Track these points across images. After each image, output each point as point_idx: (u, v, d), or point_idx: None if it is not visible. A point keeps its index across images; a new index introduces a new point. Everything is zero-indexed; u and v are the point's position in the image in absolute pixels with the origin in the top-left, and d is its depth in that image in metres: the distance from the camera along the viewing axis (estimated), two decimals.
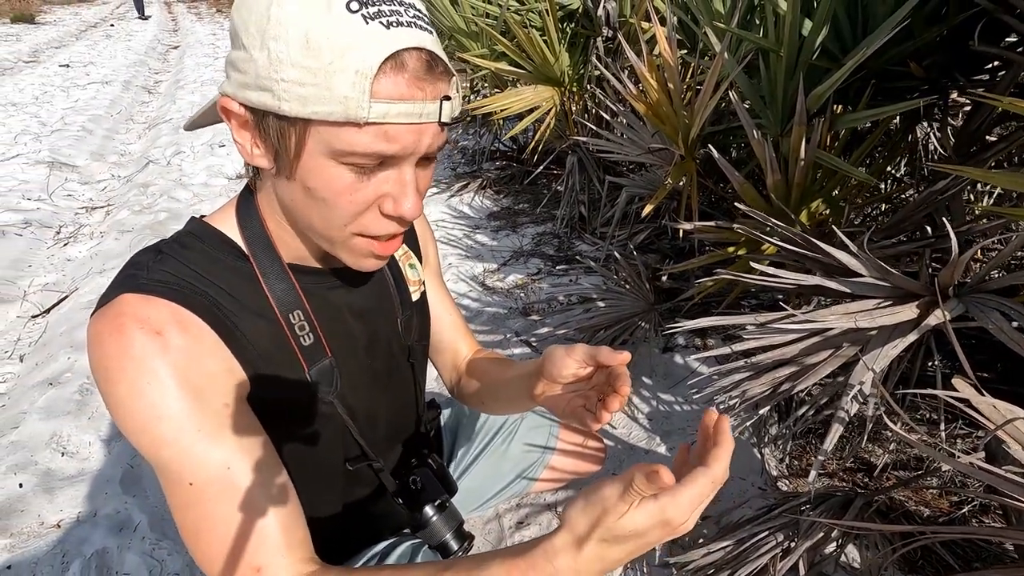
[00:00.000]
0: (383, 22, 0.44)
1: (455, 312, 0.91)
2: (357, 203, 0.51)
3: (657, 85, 1.44)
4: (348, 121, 0.45)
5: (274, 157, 0.51)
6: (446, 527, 0.75)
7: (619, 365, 0.56)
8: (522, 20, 2.41)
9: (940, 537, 0.84)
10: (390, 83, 0.45)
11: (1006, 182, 0.79)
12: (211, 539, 0.51)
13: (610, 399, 0.56)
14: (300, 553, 0.54)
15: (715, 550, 0.98)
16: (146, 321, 0.51)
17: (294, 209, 0.54)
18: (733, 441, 0.44)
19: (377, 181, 0.51)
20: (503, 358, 0.88)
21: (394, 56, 0.45)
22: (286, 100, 0.45)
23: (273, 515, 0.53)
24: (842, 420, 0.82)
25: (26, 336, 2.12)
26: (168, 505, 0.53)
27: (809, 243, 0.90)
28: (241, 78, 0.47)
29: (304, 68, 0.44)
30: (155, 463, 0.52)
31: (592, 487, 0.44)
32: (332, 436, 0.67)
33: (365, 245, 0.55)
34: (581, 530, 0.43)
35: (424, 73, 0.46)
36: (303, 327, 0.61)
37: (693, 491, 0.41)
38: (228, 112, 0.50)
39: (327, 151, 0.48)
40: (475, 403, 0.86)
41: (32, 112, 5.03)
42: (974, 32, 0.99)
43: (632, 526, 0.41)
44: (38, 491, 1.41)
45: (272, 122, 0.48)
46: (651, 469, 0.39)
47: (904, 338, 0.79)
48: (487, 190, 3.21)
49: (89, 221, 3.11)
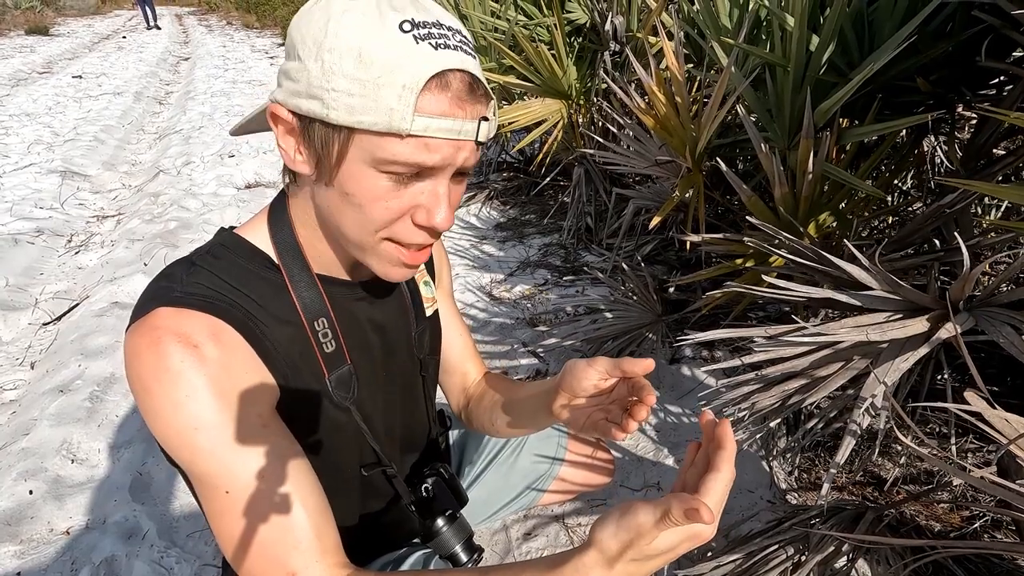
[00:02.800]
0: (432, 43, 0.47)
1: (466, 335, 0.91)
2: (392, 211, 0.53)
3: (664, 98, 1.45)
4: (391, 132, 0.48)
5: (316, 163, 0.53)
6: (456, 538, 0.76)
7: (643, 374, 0.57)
8: (530, 34, 2.44)
9: (952, 552, 0.84)
10: (434, 100, 0.48)
11: (1014, 196, 0.79)
12: (247, 545, 0.53)
13: (636, 408, 0.56)
14: (333, 558, 0.55)
15: (725, 563, 0.97)
16: (182, 334, 0.52)
17: (329, 214, 0.56)
18: (735, 443, 0.47)
19: (412, 191, 0.53)
20: (513, 380, 0.88)
21: (439, 75, 0.47)
22: (334, 109, 0.47)
23: (306, 521, 0.54)
24: (854, 433, 0.82)
25: (37, 343, 2.14)
26: (204, 511, 0.54)
27: (819, 256, 0.90)
28: (293, 87, 0.50)
29: (354, 79, 0.46)
30: (192, 472, 0.54)
31: (624, 509, 0.45)
32: (349, 441, 0.68)
33: (394, 252, 0.56)
34: (613, 552, 0.44)
35: (466, 94, 0.49)
36: (326, 334, 0.63)
37: (713, 499, 0.42)
38: (276, 118, 0.53)
39: (368, 159, 0.50)
40: (485, 424, 0.85)
41: (45, 122, 5.11)
42: (980, 47, 1.00)
43: (665, 545, 0.44)
44: (48, 498, 1.41)
45: (318, 129, 0.50)
46: (690, 507, 0.40)
47: (915, 351, 0.79)
48: (494, 201, 3.23)
49: (100, 230, 3.14)
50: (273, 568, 0.53)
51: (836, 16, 1.09)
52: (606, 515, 0.46)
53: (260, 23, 13.61)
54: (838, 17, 1.09)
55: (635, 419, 0.57)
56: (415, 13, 0.48)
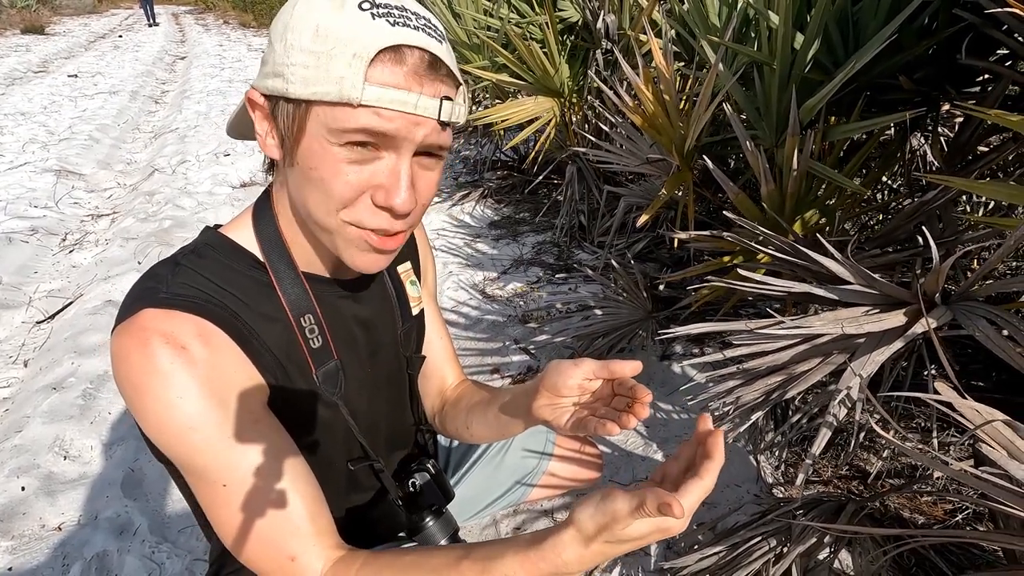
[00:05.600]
0: (389, 20, 0.49)
1: (446, 338, 0.91)
2: (351, 185, 0.52)
3: (653, 97, 1.46)
4: (343, 101, 0.48)
5: (281, 143, 0.54)
6: (441, 532, 0.77)
7: (631, 376, 0.58)
8: (523, 32, 2.45)
9: (928, 541, 0.85)
10: (387, 71, 0.49)
11: (990, 192, 0.80)
12: (247, 534, 0.55)
13: (636, 407, 0.57)
14: (329, 540, 0.57)
15: (709, 555, 0.99)
16: (170, 336, 0.53)
17: (297, 196, 0.56)
18: (724, 456, 0.47)
19: (372, 169, 0.52)
20: (492, 386, 0.88)
21: (394, 49, 0.48)
22: (292, 83, 0.49)
23: (301, 507, 0.56)
24: (830, 425, 0.83)
25: (31, 342, 2.14)
26: (202, 505, 0.56)
27: (797, 251, 0.91)
28: (264, 69, 0.53)
29: (310, 52, 0.48)
30: (189, 469, 0.55)
31: (604, 495, 0.47)
32: (336, 435, 0.69)
33: (359, 235, 0.56)
34: (589, 532, 0.47)
35: (424, 70, 0.50)
36: (313, 330, 0.63)
37: (688, 501, 0.44)
38: (253, 104, 0.55)
39: (325, 131, 0.50)
40: (460, 427, 0.83)
41: (40, 121, 5.10)
42: (963, 46, 1.01)
43: (636, 533, 0.46)
44: (40, 494, 1.42)
45: (282, 107, 0.52)
46: (665, 502, 0.42)
47: (891, 345, 0.80)
48: (488, 199, 3.24)
49: (95, 228, 3.15)
50: (273, 553, 0.55)
51: (820, 14, 1.10)
52: (587, 498, 0.48)
53: (257, 22, 13.59)
54: (822, 15, 1.10)
55: (637, 416, 0.57)
56: None
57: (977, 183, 0.81)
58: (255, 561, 0.55)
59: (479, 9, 2.66)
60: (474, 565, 0.52)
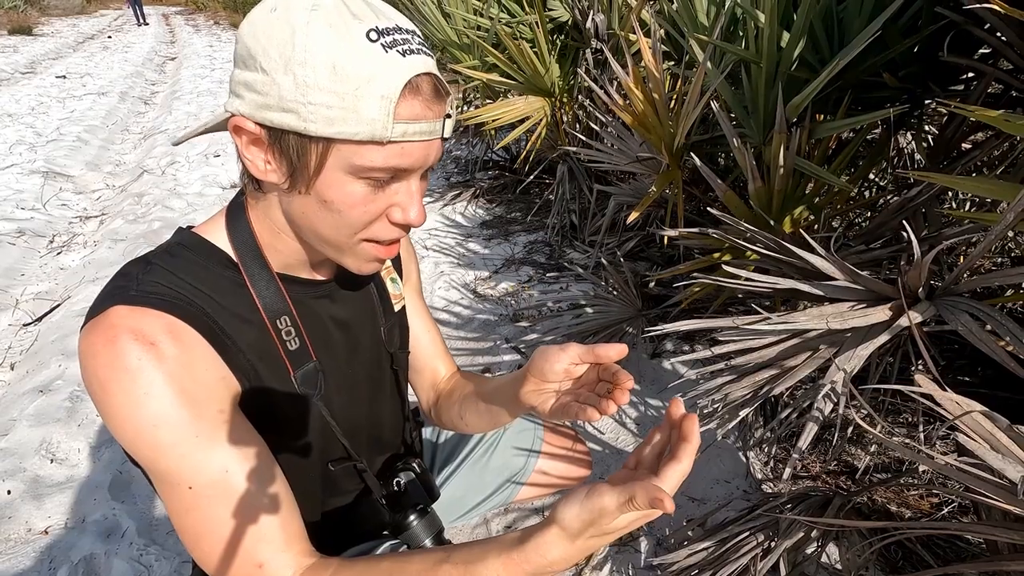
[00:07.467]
0: (399, 51, 0.49)
1: (435, 332, 0.92)
2: (370, 213, 0.55)
3: (642, 96, 1.46)
4: (372, 140, 0.50)
5: (290, 173, 0.53)
6: (425, 532, 0.76)
7: (616, 359, 0.59)
8: (513, 32, 2.45)
9: (913, 533, 0.86)
10: (408, 106, 0.50)
11: (973, 188, 0.81)
12: (212, 540, 0.53)
13: (617, 393, 0.57)
14: (299, 547, 0.56)
15: (698, 550, 0.99)
16: (139, 332, 0.52)
17: (305, 220, 0.57)
18: (699, 437, 0.48)
19: (388, 193, 0.55)
20: (485, 376, 0.89)
21: (410, 82, 0.50)
22: (312, 121, 0.49)
23: (271, 513, 0.55)
24: (816, 420, 0.83)
25: (17, 344, 2.12)
26: (167, 510, 0.54)
27: (783, 248, 0.92)
28: (260, 100, 0.50)
29: (332, 92, 0.48)
30: (153, 470, 0.53)
31: (589, 492, 0.47)
32: (316, 437, 0.69)
33: (371, 250, 0.59)
34: (575, 529, 0.47)
35: (432, 95, 0.52)
36: (289, 332, 0.63)
37: (669, 484, 0.45)
38: (240, 130, 0.53)
39: (346, 167, 0.51)
40: (454, 418, 0.85)
41: (28, 123, 5.05)
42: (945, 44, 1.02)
43: (622, 524, 0.47)
44: (26, 497, 1.41)
45: (292, 140, 0.51)
46: (656, 497, 0.42)
47: (876, 339, 0.80)
48: (480, 199, 3.24)
49: (83, 230, 3.12)
50: (240, 561, 0.53)
51: (806, 13, 1.11)
52: (570, 495, 0.48)
53: None
54: (808, 14, 1.11)
55: (617, 402, 0.57)
56: (376, 20, 0.49)
57: (960, 179, 0.82)
58: (220, 569, 0.53)
59: (469, 9, 2.66)
60: (454, 569, 0.51)
